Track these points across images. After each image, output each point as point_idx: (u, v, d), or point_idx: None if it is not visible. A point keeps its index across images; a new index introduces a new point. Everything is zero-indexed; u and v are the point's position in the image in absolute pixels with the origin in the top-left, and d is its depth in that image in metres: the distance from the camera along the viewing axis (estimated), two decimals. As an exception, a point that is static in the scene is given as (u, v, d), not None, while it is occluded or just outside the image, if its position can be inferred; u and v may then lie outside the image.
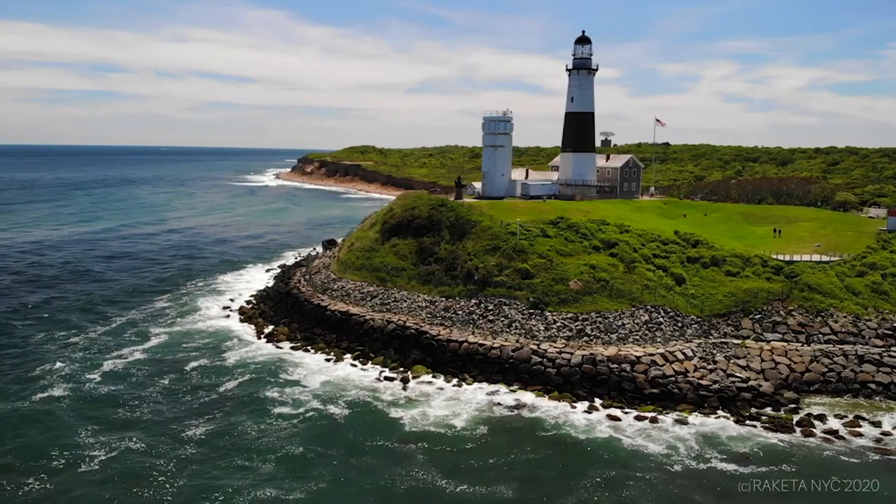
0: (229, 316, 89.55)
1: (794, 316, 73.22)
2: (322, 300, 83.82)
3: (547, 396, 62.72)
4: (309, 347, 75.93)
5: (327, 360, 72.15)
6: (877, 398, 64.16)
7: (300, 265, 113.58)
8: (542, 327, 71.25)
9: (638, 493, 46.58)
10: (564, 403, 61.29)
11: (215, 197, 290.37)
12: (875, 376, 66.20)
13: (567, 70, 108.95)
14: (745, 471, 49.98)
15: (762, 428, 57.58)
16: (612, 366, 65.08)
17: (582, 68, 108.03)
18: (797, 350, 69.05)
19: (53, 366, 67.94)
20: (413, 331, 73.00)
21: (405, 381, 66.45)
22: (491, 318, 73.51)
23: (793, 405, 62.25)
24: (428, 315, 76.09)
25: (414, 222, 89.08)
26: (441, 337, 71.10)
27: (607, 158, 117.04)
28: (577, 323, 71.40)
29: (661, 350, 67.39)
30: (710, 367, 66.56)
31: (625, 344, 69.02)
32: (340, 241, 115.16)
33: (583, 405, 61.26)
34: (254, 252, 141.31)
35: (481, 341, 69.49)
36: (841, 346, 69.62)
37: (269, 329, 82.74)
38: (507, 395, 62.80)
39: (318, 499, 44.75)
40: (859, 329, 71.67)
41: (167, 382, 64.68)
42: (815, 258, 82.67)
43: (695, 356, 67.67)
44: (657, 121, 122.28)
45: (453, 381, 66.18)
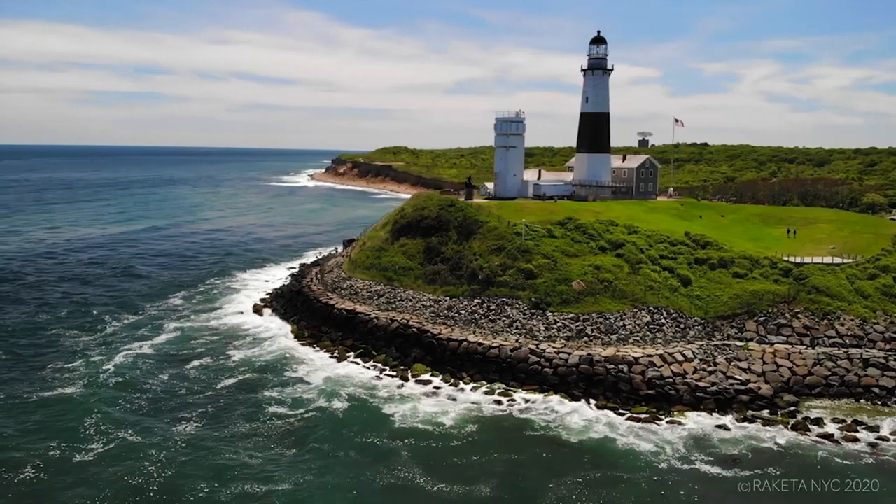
0: (242, 312, 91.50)
1: (800, 318, 72.28)
2: (330, 299, 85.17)
3: (542, 396, 63.02)
4: (315, 345, 77.33)
5: (331, 357, 73.44)
6: (880, 402, 63.14)
7: (317, 264, 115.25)
8: (542, 327, 71.51)
9: (618, 492, 46.73)
10: (557, 403, 61.53)
11: (255, 198, 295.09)
12: (879, 380, 65.11)
13: (582, 70, 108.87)
14: (731, 472, 49.84)
15: (756, 430, 57.17)
16: (610, 366, 65.10)
17: (597, 68, 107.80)
18: (800, 353, 68.18)
19: (68, 356, 70.55)
20: (415, 329, 73.86)
21: (404, 379, 67.32)
22: (493, 317, 73.99)
23: (791, 408, 61.57)
24: (431, 314, 76.87)
25: (423, 222, 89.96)
26: (442, 336, 71.83)
27: (623, 159, 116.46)
28: (578, 323, 71.51)
29: (661, 351, 67.17)
30: (709, 368, 66.14)
31: (625, 345, 68.93)
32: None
33: (577, 405, 61.45)
34: (280, 250, 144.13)
35: (480, 341, 70.03)
36: (846, 350, 68.54)
37: (280, 326, 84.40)
38: (501, 394, 63.26)
39: (300, 492, 45.73)
40: (866, 332, 70.50)
41: (170, 376, 66.48)
42: (828, 260, 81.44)
43: (695, 358, 67.29)
44: (676, 121, 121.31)
45: (451, 379, 66.83)
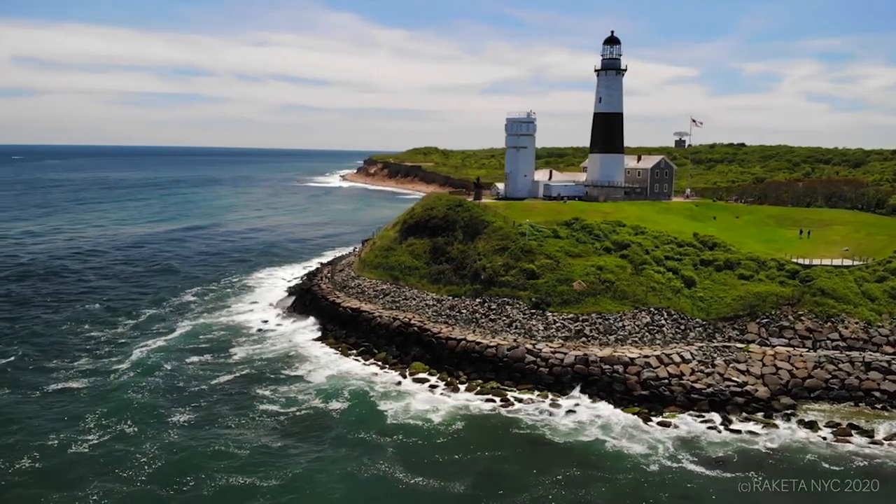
0: (253, 310, 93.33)
1: (803, 321, 71.47)
2: (337, 297, 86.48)
3: (535, 395, 63.40)
4: (319, 342, 78.68)
5: (334, 354, 74.71)
6: (880, 406, 62.26)
7: (332, 263, 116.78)
8: (541, 327, 71.82)
9: (595, 491, 46.98)
10: (549, 403, 61.85)
11: (292, 198, 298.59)
12: (881, 384, 64.20)
13: (595, 71, 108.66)
14: (715, 473, 49.80)
15: (746, 432, 56.88)
16: (605, 366, 65.20)
17: (610, 69, 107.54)
18: (801, 356, 67.46)
19: (83, 350, 73.11)
20: (415, 328, 74.71)
21: (402, 376, 68.21)
22: (493, 317, 74.50)
23: (788, 411, 61.05)
24: (434, 313, 77.64)
25: (430, 222, 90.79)
26: (441, 335, 72.55)
27: (638, 159, 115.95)
28: (577, 324, 71.66)
29: (658, 352, 67.04)
30: (707, 370, 65.83)
31: (623, 345, 68.91)
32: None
33: (568, 404, 61.72)
34: (315, 249, 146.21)
35: (479, 340, 70.59)
36: (848, 353, 67.65)
37: (288, 323, 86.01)
38: (494, 393, 63.73)
39: (284, 483, 46.77)
40: (870, 335, 69.47)
41: (175, 370, 68.20)
42: (837, 262, 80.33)
43: (693, 359, 67.01)
44: (693, 121, 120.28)
45: (448, 378, 67.52)
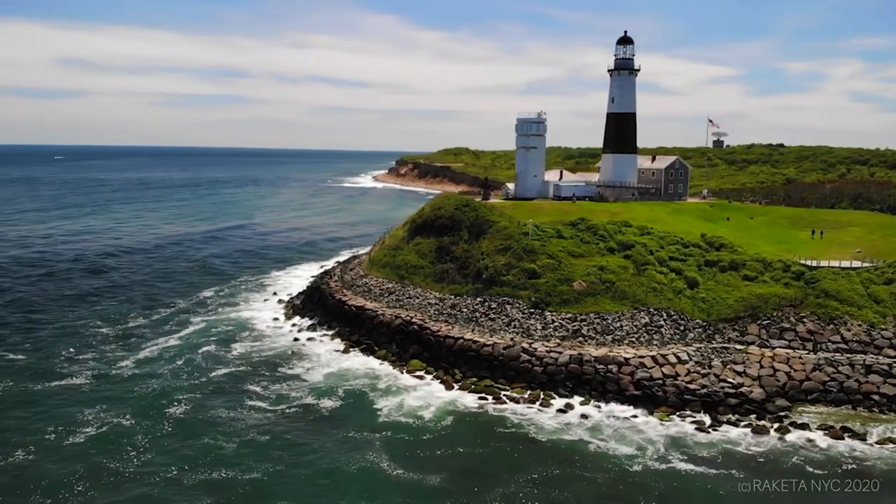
0: (266, 308, 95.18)
1: (805, 323, 70.68)
2: (344, 295, 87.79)
3: (526, 394, 63.80)
4: (323, 339, 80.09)
5: (336, 351, 76.02)
6: (877, 410, 61.42)
7: (347, 261, 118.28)
8: (539, 327, 72.17)
9: (569, 491, 47.19)
10: (539, 401, 62.21)
11: (329, 198, 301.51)
12: (881, 387, 63.26)
13: (608, 71, 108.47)
14: (699, 473, 49.72)
15: (737, 434, 56.70)
16: (599, 366, 65.35)
17: (623, 69, 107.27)
18: (800, 358, 66.76)
19: (97, 345, 75.39)
20: (416, 326, 75.60)
21: (399, 373, 69.21)
22: (493, 316, 75.05)
23: (782, 413, 60.61)
24: (435, 312, 78.43)
25: (437, 222, 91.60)
26: (440, 333, 73.34)
27: (653, 160, 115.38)
28: (575, 323, 71.88)
29: (654, 353, 66.97)
30: (703, 371, 65.56)
31: (619, 345, 68.96)
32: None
33: (559, 403, 62.07)
34: (349, 247, 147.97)
35: (475, 338, 71.19)
36: (849, 356, 66.75)
37: (295, 321, 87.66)
38: (486, 391, 64.28)
39: (268, 478, 47.85)
40: (872, 338, 68.44)
41: (177, 366, 69.90)
42: (846, 264, 79.12)
43: (690, 360, 66.77)
44: (710, 122, 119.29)
45: (443, 376, 68.27)
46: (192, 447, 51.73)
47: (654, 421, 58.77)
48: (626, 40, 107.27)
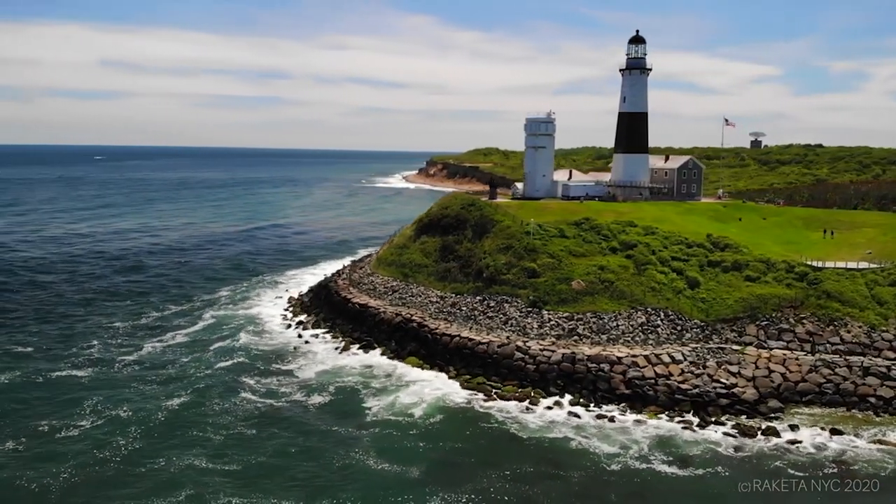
0: (276, 305, 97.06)
1: (804, 324, 69.92)
2: (349, 293, 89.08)
3: (518, 391, 64.21)
4: (326, 336, 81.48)
5: (336, 348, 77.22)
6: (872, 412, 60.61)
7: (359, 260, 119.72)
8: (535, 325, 72.53)
9: (540, 487, 47.48)
10: (528, 399, 62.54)
11: (366, 198, 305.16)
12: (877, 390, 62.42)
13: (620, 70, 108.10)
14: (679, 473, 49.74)
15: (724, 434, 56.47)
16: (591, 365, 65.51)
17: (635, 68, 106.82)
18: (797, 359, 66.11)
19: (110, 339, 78.00)
20: (415, 324, 76.50)
21: (395, 370, 70.13)
22: (491, 314, 75.59)
23: (773, 414, 60.19)
24: (436, 310, 79.21)
25: (443, 221, 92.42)
26: (437, 331, 74.12)
27: (666, 159, 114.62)
28: (572, 322, 72.09)
29: (647, 352, 66.89)
30: (697, 371, 65.30)
31: (614, 345, 69.00)
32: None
33: (548, 401, 62.39)
34: (365, 246, 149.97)
35: (471, 336, 71.79)
36: (847, 357, 65.91)
37: (301, 318, 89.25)
38: (478, 389, 64.89)
39: (248, 470, 48.91)
40: (872, 340, 67.47)
41: (177, 361, 71.64)
42: (852, 265, 77.93)
43: (685, 360, 66.52)
44: (726, 121, 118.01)
45: (439, 372, 69.06)
46: (180, 438, 53.24)
47: (641, 420, 58.78)
48: (637, 39, 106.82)
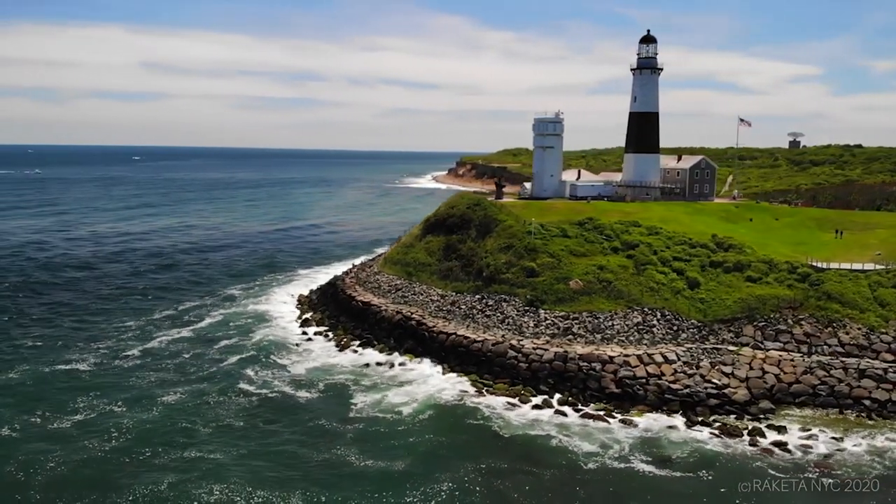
0: (286, 302, 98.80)
1: (802, 325, 69.20)
2: (355, 291, 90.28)
3: (508, 389, 64.67)
4: (329, 333, 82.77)
5: (336, 345, 78.41)
6: (865, 415, 59.87)
7: (368, 260, 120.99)
8: (532, 324, 72.90)
9: (513, 482, 48.06)
10: (518, 397, 63.04)
11: (399, 198, 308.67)
12: (872, 392, 61.64)
13: (631, 70, 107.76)
14: (658, 473, 49.81)
15: (709, 434, 56.35)
16: (583, 364, 65.70)
17: (646, 68, 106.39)
18: (792, 360, 65.52)
19: (121, 333, 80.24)
20: (413, 322, 77.38)
21: (391, 367, 71.11)
22: (489, 313, 76.13)
23: (763, 415, 59.84)
24: (436, 308, 79.99)
25: (448, 220, 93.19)
26: (434, 329, 74.91)
27: (678, 159, 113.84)
28: (567, 322, 72.31)
29: (640, 352, 66.86)
30: (690, 371, 65.10)
31: (608, 344, 69.08)
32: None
33: (537, 399, 62.76)
34: (379, 246, 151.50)
35: (467, 334, 72.44)
36: (844, 359, 65.13)
37: (307, 315, 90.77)
38: (470, 386, 65.57)
39: (230, 462, 50.11)
40: (871, 342, 66.55)
41: (177, 356, 73.41)
42: (857, 266, 76.81)
43: (679, 360, 66.33)
44: (741, 121, 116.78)
45: (433, 370, 69.87)
46: (170, 430, 54.81)
47: (627, 420, 58.82)
48: (648, 39, 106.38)
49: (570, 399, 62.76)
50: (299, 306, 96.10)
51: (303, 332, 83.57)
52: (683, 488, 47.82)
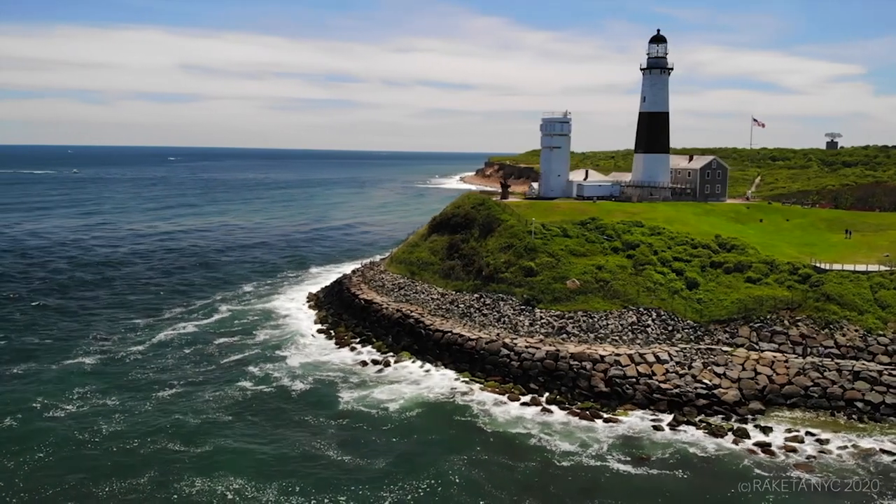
0: (295, 300, 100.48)
1: (799, 326, 68.54)
2: (359, 290, 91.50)
3: (498, 387, 65.17)
4: (330, 331, 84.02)
5: (335, 344, 79.52)
6: (856, 418, 59.14)
7: (377, 259, 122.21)
8: (527, 323, 73.31)
9: (488, 476, 48.58)
10: (507, 395, 63.49)
11: (430, 198, 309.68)
12: (866, 395, 60.87)
13: (641, 69, 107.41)
14: (635, 472, 49.82)
15: (692, 434, 56.20)
16: (574, 363, 65.91)
17: (656, 67, 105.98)
18: (786, 362, 64.93)
19: (131, 328, 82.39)
20: (412, 320, 78.27)
21: (386, 364, 71.99)
22: (486, 311, 76.72)
23: (751, 416, 59.50)
24: (435, 307, 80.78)
25: (452, 220, 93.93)
26: (431, 326, 75.68)
27: (690, 159, 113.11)
28: (562, 321, 72.56)
29: (632, 351, 66.85)
30: (681, 371, 64.93)
31: (601, 343, 69.18)
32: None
33: (525, 397, 63.16)
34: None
35: (462, 332, 73.09)
36: (838, 361, 64.37)
37: (313, 313, 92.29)
38: (458, 384, 66.17)
39: (214, 454, 51.18)
40: (867, 344, 65.68)
41: (177, 352, 74.91)
42: (861, 268, 75.73)
43: (671, 360, 66.20)
44: (755, 121, 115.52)
45: (427, 367, 70.66)
46: (160, 422, 56.24)
47: (613, 418, 58.90)
48: (658, 39, 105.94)
49: (559, 397, 63.02)
50: (307, 303, 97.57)
51: (305, 329, 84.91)
52: (657, 486, 47.84)
